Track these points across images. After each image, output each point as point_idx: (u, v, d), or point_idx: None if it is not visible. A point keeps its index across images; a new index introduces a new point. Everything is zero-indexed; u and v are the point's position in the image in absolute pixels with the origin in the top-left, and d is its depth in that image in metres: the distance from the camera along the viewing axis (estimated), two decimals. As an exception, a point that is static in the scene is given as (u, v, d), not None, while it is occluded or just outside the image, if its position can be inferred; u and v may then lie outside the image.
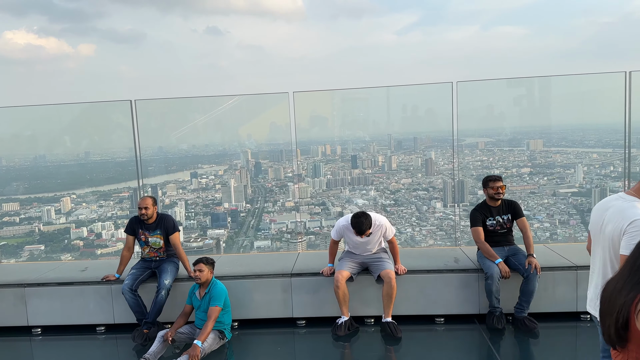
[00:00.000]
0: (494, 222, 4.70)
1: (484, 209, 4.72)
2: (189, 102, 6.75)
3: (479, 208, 4.75)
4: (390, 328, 4.44)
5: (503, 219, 4.70)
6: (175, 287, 4.74)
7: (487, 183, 4.71)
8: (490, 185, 4.67)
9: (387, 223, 4.69)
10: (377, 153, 8.61)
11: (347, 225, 4.55)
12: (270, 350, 4.56)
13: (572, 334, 4.60)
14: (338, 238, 4.77)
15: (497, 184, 4.64)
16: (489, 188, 4.68)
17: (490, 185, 4.67)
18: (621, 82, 5.26)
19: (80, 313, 4.93)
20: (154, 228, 4.79)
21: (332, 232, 4.81)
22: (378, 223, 4.58)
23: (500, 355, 4.16)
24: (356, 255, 4.78)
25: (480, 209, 4.73)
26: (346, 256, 4.80)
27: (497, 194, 4.64)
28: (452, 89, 5.48)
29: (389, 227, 4.69)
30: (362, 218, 4.39)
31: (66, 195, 8.95)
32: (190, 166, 8.99)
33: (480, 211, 4.71)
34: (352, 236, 4.57)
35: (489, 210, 4.71)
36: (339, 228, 4.69)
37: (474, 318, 4.72)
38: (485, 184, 4.74)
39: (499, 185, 4.64)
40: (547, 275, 4.49)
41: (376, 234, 4.62)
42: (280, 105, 6.17)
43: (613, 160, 7.82)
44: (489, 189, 4.68)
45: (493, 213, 4.70)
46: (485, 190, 4.75)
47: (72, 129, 7.38)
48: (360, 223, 4.38)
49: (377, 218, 4.60)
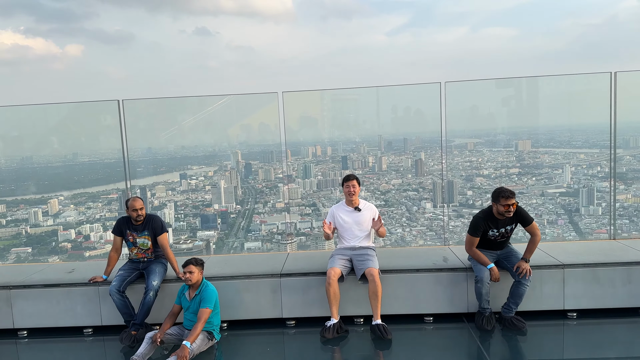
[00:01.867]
0: (497, 234, 4.50)
1: (490, 220, 4.45)
2: (177, 103, 6.72)
3: (484, 217, 4.45)
4: (380, 330, 4.41)
5: (507, 229, 4.51)
6: (164, 289, 4.71)
7: (498, 198, 4.33)
8: (501, 202, 4.30)
9: (375, 209, 4.94)
10: (367, 154, 8.63)
11: (338, 204, 4.94)
12: (260, 350, 4.54)
13: (560, 332, 4.64)
14: (330, 220, 4.94)
15: (509, 202, 4.27)
16: (500, 205, 4.32)
17: (501, 202, 4.30)
18: (606, 83, 5.33)
19: (67, 315, 4.87)
20: (142, 229, 4.76)
21: (326, 219, 5.01)
22: (368, 204, 4.89)
23: (489, 354, 4.18)
24: (345, 251, 4.81)
25: (486, 219, 4.45)
26: (336, 253, 4.83)
27: (507, 212, 4.31)
28: (440, 90, 5.51)
29: (377, 212, 4.91)
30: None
31: (53, 197, 8.84)
32: (179, 167, 8.94)
33: (485, 222, 4.44)
34: (343, 216, 4.86)
35: (495, 222, 4.45)
36: (330, 212, 4.98)
37: (462, 317, 4.74)
38: (495, 199, 4.37)
39: (511, 202, 4.28)
40: (534, 273, 4.51)
41: (366, 212, 4.85)
42: (269, 105, 6.16)
43: (600, 160, 7.92)
44: (499, 205, 4.33)
45: (499, 226, 4.46)
46: (494, 204, 4.40)
47: (59, 130, 7.31)
48: (349, 174, 4.87)
49: (366, 202, 4.94)
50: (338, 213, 4.89)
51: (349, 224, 4.86)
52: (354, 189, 4.82)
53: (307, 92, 6.23)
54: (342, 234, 4.91)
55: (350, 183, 4.82)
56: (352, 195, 4.83)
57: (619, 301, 4.68)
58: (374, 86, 6.40)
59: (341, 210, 4.90)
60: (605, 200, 7.42)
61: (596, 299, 4.69)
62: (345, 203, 4.92)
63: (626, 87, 5.55)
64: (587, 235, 7.65)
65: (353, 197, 4.84)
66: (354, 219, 4.85)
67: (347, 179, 4.86)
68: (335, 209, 4.95)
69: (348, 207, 4.90)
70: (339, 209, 4.91)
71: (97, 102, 6.15)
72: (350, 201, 4.88)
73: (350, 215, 4.87)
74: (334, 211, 4.94)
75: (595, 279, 4.67)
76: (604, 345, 4.31)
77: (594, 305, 4.70)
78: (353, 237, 4.85)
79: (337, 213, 4.90)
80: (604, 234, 6.75)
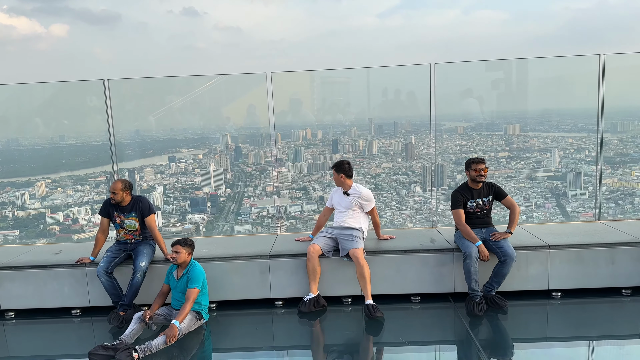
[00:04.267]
0: (474, 205, 4.73)
1: (465, 191, 4.73)
2: (165, 84, 6.63)
3: (460, 190, 4.76)
4: (368, 309, 4.48)
5: (483, 201, 4.73)
6: (152, 270, 4.70)
7: (469, 165, 4.70)
8: (472, 167, 4.66)
9: (369, 195, 4.97)
10: (357, 137, 8.61)
11: (337, 188, 5.10)
12: (248, 330, 4.57)
13: (544, 311, 4.72)
14: (329, 203, 5.17)
15: (479, 166, 4.63)
16: (472, 170, 4.66)
17: (472, 167, 4.66)
18: (595, 66, 5.34)
19: (54, 296, 4.86)
20: (129, 210, 4.73)
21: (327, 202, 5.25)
22: (358, 189, 4.98)
23: (474, 332, 4.24)
24: (332, 230, 4.95)
25: (462, 190, 4.74)
26: (323, 231, 4.98)
27: (479, 176, 4.63)
28: (430, 71, 5.49)
29: (369, 198, 4.96)
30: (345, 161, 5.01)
31: (41, 180, 8.74)
32: (168, 150, 8.86)
33: (461, 193, 4.72)
34: (336, 197, 5.08)
35: (470, 192, 4.73)
36: (331, 193, 5.18)
37: (448, 296, 4.81)
38: (467, 166, 4.73)
39: (481, 167, 4.63)
40: (520, 254, 4.58)
41: (352, 198, 4.96)
42: (258, 87, 6.11)
43: (588, 144, 7.97)
44: (471, 171, 4.67)
45: (474, 195, 4.72)
46: (467, 172, 4.74)
47: (44, 111, 7.19)
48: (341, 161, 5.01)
49: (360, 187, 5.02)
50: (334, 194, 5.15)
51: (338, 204, 5.05)
52: (332, 177, 5.08)
53: (295, 72, 6.18)
54: (334, 214, 5.12)
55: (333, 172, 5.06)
56: (339, 184, 5.06)
57: (602, 281, 4.77)
58: (364, 67, 6.36)
59: (337, 192, 5.12)
60: (592, 184, 7.49)
61: (580, 279, 4.77)
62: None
63: (615, 71, 5.57)
64: (574, 219, 7.75)
65: (340, 185, 5.05)
66: (342, 201, 5.02)
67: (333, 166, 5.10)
68: (334, 190, 5.20)
69: (341, 190, 5.10)
70: (337, 191, 5.15)
71: (82, 81, 6.05)
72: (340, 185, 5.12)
73: (340, 197, 5.05)
74: (333, 193, 5.19)
75: (580, 259, 4.74)
76: (587, 324, 4.40)
77: (577, 285, 4.78)
78: (339, 217, 4.98)
79: (334, 194, 5.16)
80: (590, 217, 6.83)
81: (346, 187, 4.98)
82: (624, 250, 4.74)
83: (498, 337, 4.37)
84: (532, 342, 4.23)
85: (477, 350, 3.91)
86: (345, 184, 4.97)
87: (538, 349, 4.15)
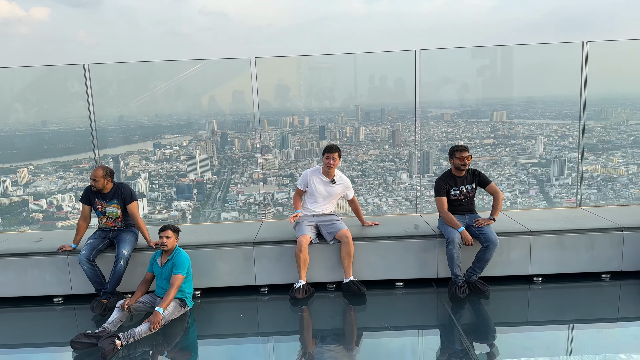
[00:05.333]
0: (458, 192, 4.75)
1: (448, 179, 4.75)
2: (148, 68, 6.52)
3: (444, 177, 4.78)
4: (356, 285, 4.58)
5: (467, 188, 4.76)
6: (135, 257, 4.67)
7: (453, 153, 4.70)
8: (456, 155, 4.67)
9: (350, 183, 5.02)
10: (345, 124, 8.58)
11: (314, 170, 4.92)
12: (232, 317, 4.58)
13: (525, 296, 4.80)
14: (303, 187, 4.95)
15: (463, 154, 4.64)
16: (455, 158, 4.68)
17: (456, 156, 4.67)
18: (578, 53, 5.36)
19: (36, 284, 4.81)
20: (111, 197, 4.67)
21: (298, 182, 5.03)
22: (341, 177, 4.95)
23: (456, 317, 4.30)
24: (310, 217, 4.89)
25: (445, 178, 4.76)
26: (302, 220, 4.87)
27: (463, 165, 4.65)
28: (415, 57, 5.47)
29: (350, 185, 5.02)
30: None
31: (23, 167, 8.58)
32: (153, 136, 8.74)
33: (445, 181, 4.74)
34: (317, 184, 4.87)
35: (453, 180, 4.75)
36: (305, 175, 4.95)
37: (431, 282, 4.86)
38: (451, 154, 4.73)
39: (465, 155, 4.64)
40: (502, 240, 4.63)
41: (339, 186, 4.91)
42: (244, 73, 6.03)
43: (572, 131, 8.04)
44: (455, 159, 4.68)
45: (457, 183, 4.75)
46: (451, 160, 4.75)
47: (25, 96, 7.04)
48: (332, 145, 4.86)
49: (340, 174, 4.97)
50: (313, 179, 4.91)
51: (320, 194, 4.91)
52: (334, 162, 4.80)
53: (280, 57, 6.11)
54: (308, 200, 4.96)
55: (332, 155, 4.79)
56: (331, 168, 4.83)
57: (582, 266, 4.85)
58: (350, 53, 6.31)
59: (316, 178, 4.91)
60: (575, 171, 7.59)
61: (561, 265, 4.85)
62: (322, 172, 4.92)
63: (598, 59, 5.60)
64: (557, 205, 7.85)
65: (331, 169, 4.84)
66: (327, 190, 4.91)
67: (330, 150, 4.82)
68: (310, 173, 4.93)
69: (324, 177, 4.91)
70: (315, 176, 4.91)
71: (62, 65, 5.92)
72: (327, 172, 4.89)
73: (324, 185, 4.91)
74: (308, 176, 4.92)
75: (561, 245, 4.81)
76: (567, 308, 4.48)
77: (558, 270, 4.86)
78: (320, 206, 4.93)
79: (312, 179, 4.91)
80: (572, 203, 6.93)
81: (332, 174, 4.92)
82: (604, 236, 4.82)
83: (480, 322, 4.44)
84: (514, 326, 4.31)
85: (459, 334, 3.96)
86: (334, 171, 4.91)
87: (519, 333, 4.22)
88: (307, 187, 4.94)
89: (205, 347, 4.15)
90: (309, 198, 4.97)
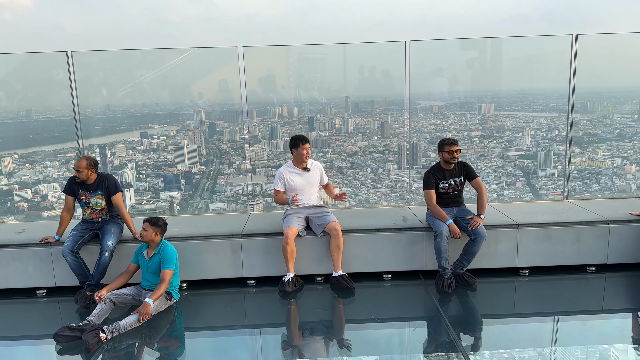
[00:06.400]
0: (446, 185, 4.75)
1: (437, 172, 4.75)
2: (134, 57, 6.39)
3: (432, 170, 4.77)
4: (345, 279, 4.57)
5: (455, 181, 4.76)
6: (120, 249, 4.61)
7: (442, 146, 4.70)
8: (446, 149, 4.66)
9: (321, 167, 5.07)
10: (334, 115, 8.54)
11: (285, 167, 4.95)
12: (220, 310, 4.55)
13: (512, 288, 4.83)
14: (282, 187, 4.92)
15: (452, 148, 4.64)
16: (445, 152, 4.66)
17: (446, 149, 4.65)
18: (567, 45, 5.37)
19: (18, 276, 4.73)
20: (95, 188, 4.59)
21: (274, 184, 4.97)
22: (314, 163, 5.01)
23: (443, 308, 4.32)
24: (299, 210, 4.86)
25: (434, 171, 4.75)
26: (291, 213, 4.86)
27: (452, 158, 4.65)
28: (405, 49, 5.43)
29: (323, 171, 5.06)
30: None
31: (7, 156, 8.42)
32: (140, 126, 8.61)
33: (433, 174, 4.73)
34: (294, 177, 4.87)
35: (442, 173, 4.74)
36: (279, 174, 4.93)
37: (419, 274, 4.87)
38: (440, 147, 4.73)
39: (454, 149, 4.64)
40: (489, 233, 4.65)
41: (315, 171, 4.95)
42: (231, 62, 5.94)
43: (559, 124, 8.09)
44: (444, 153, 4.68)
45: (446, 176, 4.74)
46: (440, 153, 4.74)
47: (8, 83, 6.88)
48: (303, 136, 4.88)
49: (312, 160, 5.01)
50: (288, 176, 4.90)
51: (302, 185, 4.91)
52: (309, 151, 4.89)
53: (269, 47, 6.03)
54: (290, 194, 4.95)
55: (308, 145, 4.86)
56: (308, 158, 4.88)
57: (569, 259, 4.90)
58: (340, 43, 6.26)
59: (290, 173, 4.91)
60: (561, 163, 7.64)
61: (547, 257, 4.89)
62: (294, 164, 4.94)
63: (586, 52, 5.61)
64: (543, 197, 7.91)
65: (307, 158, 4.89)
66: (305, 179, 4.92)
67: (305, 140, 4.85)
68: (283, 171, 4.92)
69: (297, 168, 4.92)
70: (288, 171, 4.92)
71: (45, 53, 5.78)
72: (301, 162, 4.89)
73: (300, 176, 4.92)
74: (282, 174, 4.90)
75: (547, 238, 4.85)
76: (553, 300, 4.52)
77: (545, 262, 4.90)
78: (306, 198, 4.90)
79: (287, 176, 4.90)
80: (558, 195, 6.99)
81: (306, 163, 4.92)
82: (589, 229, 4.86)
83: (467, 314, 4.46)
84: (500, 318, 4.35)
85: (446, 326, 3.98)
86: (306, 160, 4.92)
87: (506, 325, 4.26)
88: (286, 184, 4.91)
89: (192, 339, 4.11)
90: (292, 194, 4.93)
